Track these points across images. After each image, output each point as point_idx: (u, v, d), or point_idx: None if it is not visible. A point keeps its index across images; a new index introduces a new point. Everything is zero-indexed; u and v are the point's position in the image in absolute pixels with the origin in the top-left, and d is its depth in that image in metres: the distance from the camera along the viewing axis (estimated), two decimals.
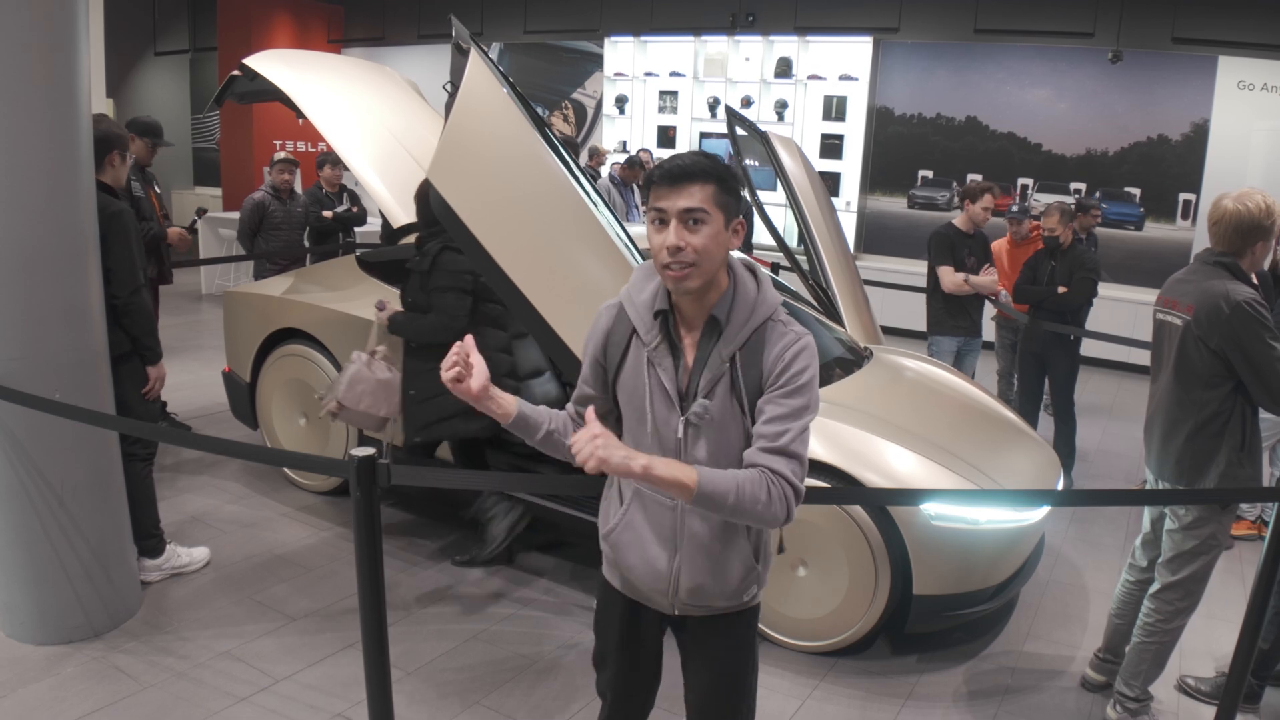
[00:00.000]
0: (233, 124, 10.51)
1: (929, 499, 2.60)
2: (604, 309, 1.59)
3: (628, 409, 1.55)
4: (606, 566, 1.68)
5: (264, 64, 3.70)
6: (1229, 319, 2.24)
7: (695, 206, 1.40)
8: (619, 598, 1.66)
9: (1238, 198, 2.32)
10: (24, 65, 2.37)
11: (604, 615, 1.71)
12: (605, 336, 1.56)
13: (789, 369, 1.45)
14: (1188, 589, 2.42)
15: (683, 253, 1.40)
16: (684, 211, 1.40)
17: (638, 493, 1.56)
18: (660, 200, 1.42)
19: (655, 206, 1.43)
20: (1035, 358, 4.46)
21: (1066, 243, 4.28)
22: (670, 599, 1.58)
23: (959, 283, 4.25)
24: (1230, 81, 6.75)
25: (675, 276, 1.42)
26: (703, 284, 1.44)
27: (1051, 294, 4.28)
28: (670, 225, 1.41)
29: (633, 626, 1.66)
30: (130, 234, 2.83)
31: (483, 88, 2.63)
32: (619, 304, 1.57)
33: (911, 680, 2.75)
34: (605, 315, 1.58)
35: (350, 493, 1.91)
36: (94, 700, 2.41)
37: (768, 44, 8.42)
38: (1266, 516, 3.82)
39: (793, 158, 4.37)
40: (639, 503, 1.56)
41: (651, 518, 1.55)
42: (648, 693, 1.75)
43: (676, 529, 1.53)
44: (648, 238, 1.47)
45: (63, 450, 2.59)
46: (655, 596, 1.60)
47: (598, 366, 1.58)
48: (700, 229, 1.41)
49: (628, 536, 1.58)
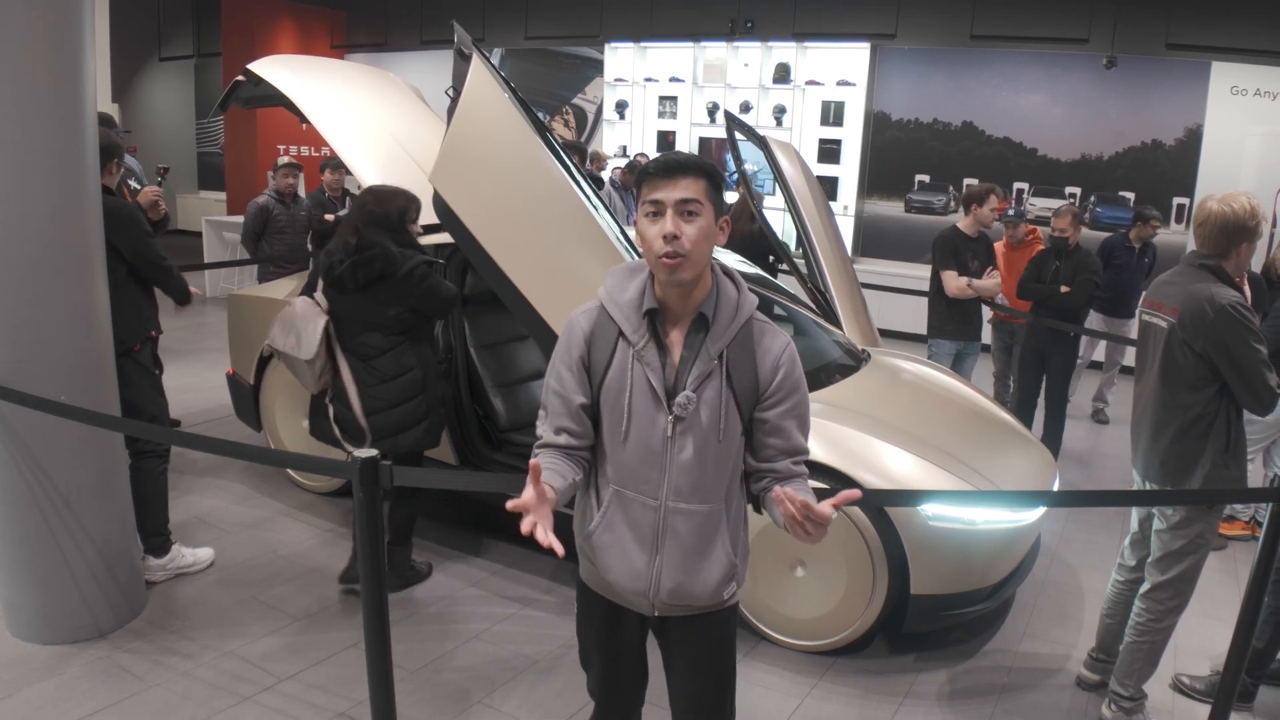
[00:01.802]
0: (237, 129, 10.56)
1: (926, 500, 2.62)
2: (579, 314, 1.56)
3: (610, 414, 1.52)
4: (584, 569, 1.67)
5: (268, 69, 3.73)
6: (1213, 322, 2.25)
7: (691, 197, 1.43)
8: (598, 600, 1.65)
9: (1222, 200, 2.34)
10: (30, 70, 2.39)
11: (585, 617, 1.71)
12: (587, 340, 1.53)
13: (789, 379, 1.53)
14: (1177, 588, 2.44)
15: (678, 241, 1.42)
16: (680, 202, 1.43)
17: (618, 493, 1.55)
18: (656, 191, 1.44)
19: (651, 199, 1.45)
20: (1036, 355, 4.58)
21: (1073, 244, 4.43)
22: (651, 600, 1.57)
23: (962, 287, 4.31)
24: (1223, 87, 6.80)
25: (670, 265, 1.43)
26: (694, 276, 1.47)
27: (1054, 293, 4.40)
28: (666, 215, 1.43)
29: (613, 628, 1.66)
30: (143, 229, 2.93)
31: (485, 93, 2.66)
32: (597, 307, 1.55)
33: (909, 679, 2.77)
34: (584, 319, 1.55)
35: (353, 494, 1.92)
36: (99, 699, 2.43)
37: (766, 50, 8.47)
38: (1260, 517, 3.85)
39: (791, 162, 4.41)
40: (619, 503, 1.55)
41: (632, 518, 1.54)
42: (635, 691, 1.75)
43: (658, 529, 1.53)
44: (639, 231, 1.48)
45: (68, 452, 2.61)
46: (635, 599, 1.59)
47: (581, 371, 1.53)
48: (694, 220, 1.44)
49: (607, 538, 1.57)
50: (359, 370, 2.91)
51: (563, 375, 1.54)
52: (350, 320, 2.90)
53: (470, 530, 3.62)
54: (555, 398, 1.55)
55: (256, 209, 5.63)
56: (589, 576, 1.66)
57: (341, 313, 2.90)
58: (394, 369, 2.90)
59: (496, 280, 2.62)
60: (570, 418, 1.53)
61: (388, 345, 2.90)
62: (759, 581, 2.83)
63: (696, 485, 1.52)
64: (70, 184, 2.52)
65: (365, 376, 2.90)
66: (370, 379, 2.90)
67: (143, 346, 3.03)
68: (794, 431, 1.54)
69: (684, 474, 1.51)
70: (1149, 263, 5.58)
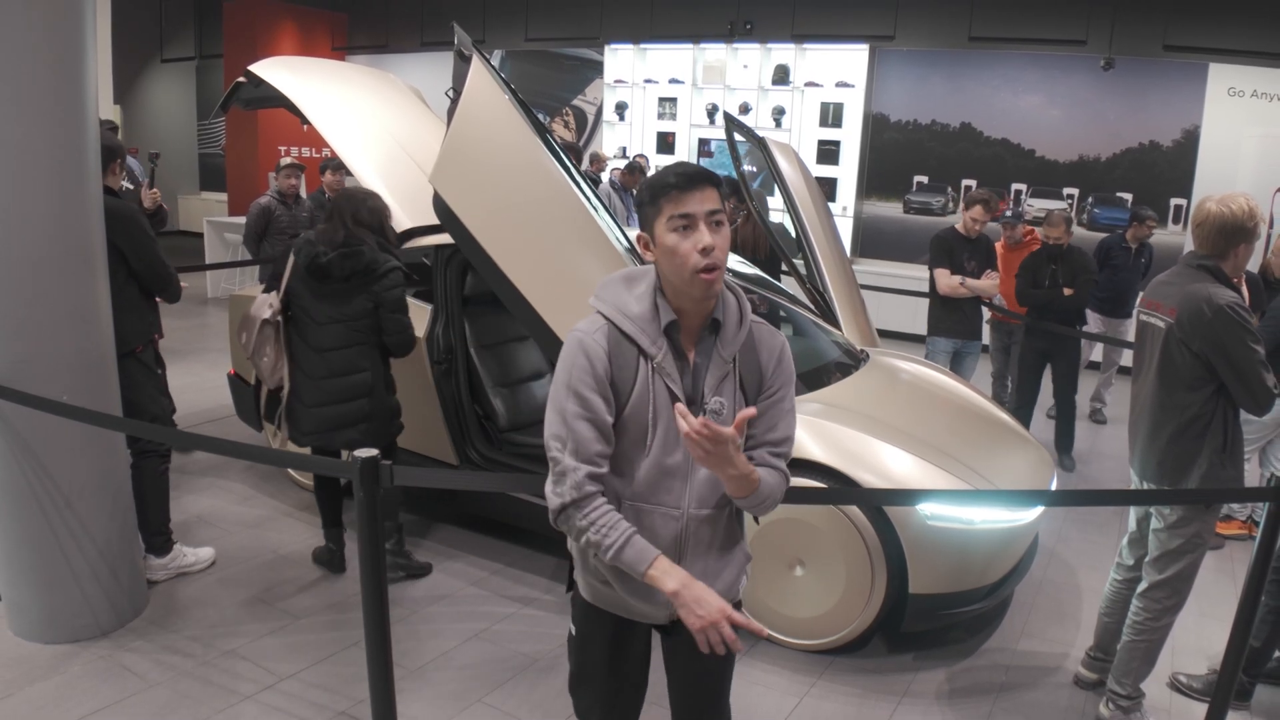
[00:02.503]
0: (238, 130, 10.58)
1: (924, 499, 2.63)
2: (591, 333, 1.44)
3: (632, 430, 1.46)
4: (588, 588, 1.58)
5: (269, 71, 3.75)
6: (1211, 322, 2.26)
7: (716, 207, 1.41)
8: (605, 618, 1.59)
9: (1221, 200, 2.35)
10: (32, 72, 2.40)
11: (588, 638, 1.63)
12: (609, 359, 1.43)
13: (784, 370, 1.55)
14: (1174, 587, 2.44)
15: (715, 254, 1.38)
16: (709, 213, 1.40)
17: (633, 508, 1.48)
18: (685, 205, 1.38)
19: (680, 213, 1.38)
20: (1039, 356, 4.65)
21: (1065, 245, 4.50)
22: (668, 607, 1.50)
23: (954, 285, 4.37)
24: (1221, 88, 6.82)
25: (710, 280, 1.39)
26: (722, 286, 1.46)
27: (1058, 297, 4.47)
28: (699, 228, 1.38)
29: (621, 643, 1.61)
30: (148, 234, 2.95)
31: (485, 94, 2.67)
32: (605, 326, 1.45)
33: (907, 678, 2.79)
34: (599, 337, 1.44)
35: (353, 493, 1.93)
36: (100, 698, 2.44)
37: (765, 52, 8.49)
38: (1257, 516, 3.86)
39: (790, 163, 4.42)
40: (634, 517, 1.47)
41: (651, 530, 1.48)
42: (637, 704, 1.70)
43: (681, 538, 1.50)
44: (665, 246, 1.41)
45: (70, 452, 2.62)
46: (651, 610, 1.54)
47: (607, 388, 1.43)
48: (721, 230, 1.41)
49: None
50: (312, 360, 3.00)
51: (587, 398, 1.41)
52: (319, 310, 2.99)
53: (470, 530, 3.63)
54: (583, 424, 1.41)
55: (259, 210, 5.64)
56: (596, 595, 1.58)
57: (312, 302, 2.99)
58: (345, 366, 3.00)
59: (496, 281, 2.63)
60: (603, 440, 1.44)
61: (347, 342, 3.00)
62: (758, 581, 2.84)
63: (715, 489, 1.50)
64: (72, 185, 2.53)
65: (317, 367, 2.99)
66: (320, 371, 2.99)
67: (145, 347, 3.04)
68: (777, 421, 1.52)
69: (707, 481, 1.49)
70: (1145, 263, 5.61)
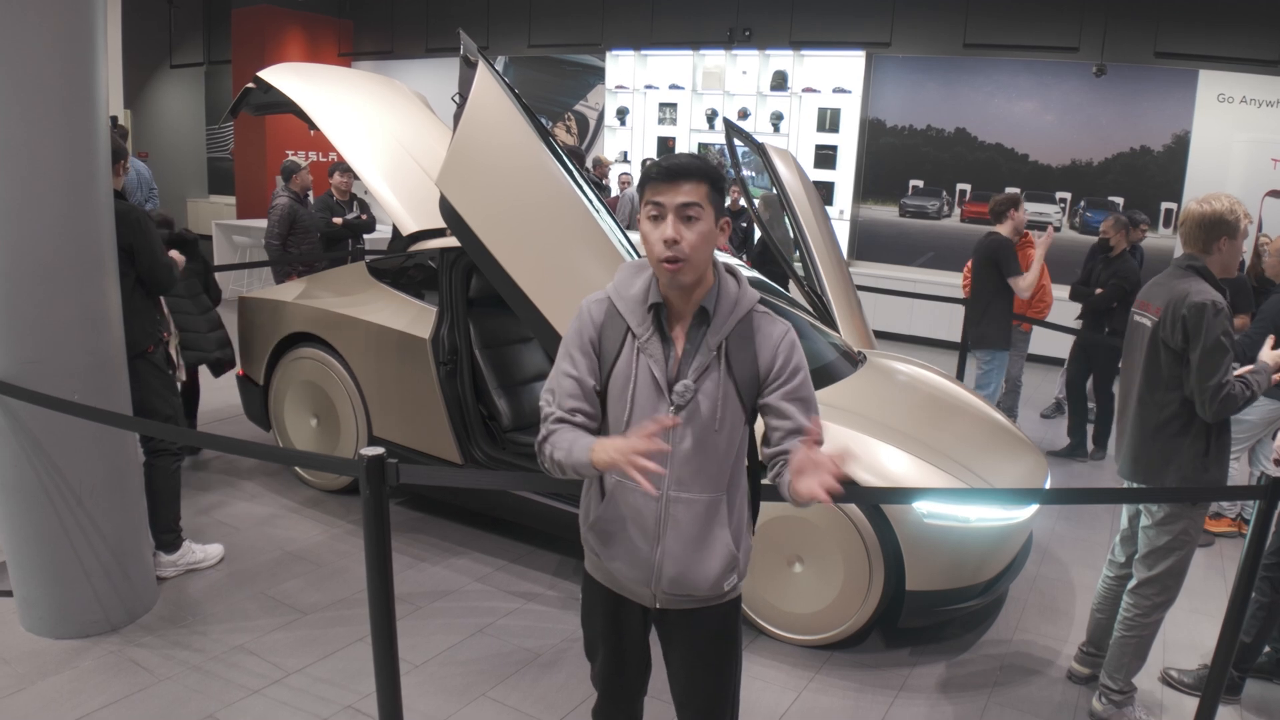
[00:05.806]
0: (246, 135, 10.64)
1: (921, 498, 2.66)
2: (591, 302, 1.59)
3: (615, 405, 1.55)
4: (589, 560, 1.69)
5: (277, 76, 3.78)
6: (1185, 317, 2.30)
7: (692, 201, 1.47)
8: (602, 591, 1.68)
9: (1202, 200, 2.41)
10: (43, 78, 2.43)
11: (589, 609, 1.73)
12: (598, 327, 1.56)
13: (789, 364, 1.57)
14: (1164, 584, 2.47)
15: (678, 245, 1.47)
16: (680, 206, 1.47)
17: (620, 484, 1.56)
18: (658, 195, 1.48)
19: (653, 200, 1.49)
20: (1081, 350, 5.05)
21: (1118, 250, 4.92)
22: (653, 590, 1.59)
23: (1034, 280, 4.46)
24: (1210, 94, 6.90)
25: (671, 270, 1.48)
26: (694, 278, 1.52)
27: (1089, 295, 4.94)
28: (667, 219, 1.47)
29: (616, 619, 1.68)
30: (154, 238, 2.96)
31: (489, 99, 2.71)
32: (606, 299, 1.58)
33: (904, 673, 2.82)
34: (596, 307, 1.58)
35: (360, 491, 1.95)
36: (111, 693, 2.46)
37: (764, 58, 8.56)
38: (1246, 514, 3.92)
39: (788, 168, 4.47)
40: (621, 493, 1.57)
41: (634, 508, 1.56)
42: (637, 682, 1.77)
43: (660, 518, 1.56)
44: (642, 233, 1.52)
45: (81, 450, 2.65)
46: (637, 588, 1.61)
47: (592, 355, 1.56)
48: (694, 225, 1.48)
49: (611, 528, 1.60)
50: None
51: (576, 358, 1.56)
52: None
53: (474, 527, 3.67)
54: (568, 379, 1.55)
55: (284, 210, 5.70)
56: (594, 568, 1.69)
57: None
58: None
59: (502, 283, 2.67)
60: (585, 399, 1.55)
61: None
62: (757, 577, 2.88)
63: (697, 474, 1.55)
64: (82, 188, 2.56)
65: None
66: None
67: (156, 348, 3.08)
68: (797, 413, 1.55)
69: (685, 463, 1.54)
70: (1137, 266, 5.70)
